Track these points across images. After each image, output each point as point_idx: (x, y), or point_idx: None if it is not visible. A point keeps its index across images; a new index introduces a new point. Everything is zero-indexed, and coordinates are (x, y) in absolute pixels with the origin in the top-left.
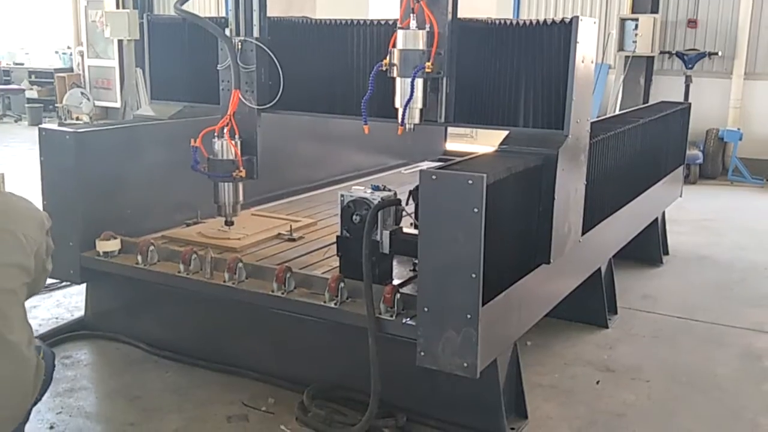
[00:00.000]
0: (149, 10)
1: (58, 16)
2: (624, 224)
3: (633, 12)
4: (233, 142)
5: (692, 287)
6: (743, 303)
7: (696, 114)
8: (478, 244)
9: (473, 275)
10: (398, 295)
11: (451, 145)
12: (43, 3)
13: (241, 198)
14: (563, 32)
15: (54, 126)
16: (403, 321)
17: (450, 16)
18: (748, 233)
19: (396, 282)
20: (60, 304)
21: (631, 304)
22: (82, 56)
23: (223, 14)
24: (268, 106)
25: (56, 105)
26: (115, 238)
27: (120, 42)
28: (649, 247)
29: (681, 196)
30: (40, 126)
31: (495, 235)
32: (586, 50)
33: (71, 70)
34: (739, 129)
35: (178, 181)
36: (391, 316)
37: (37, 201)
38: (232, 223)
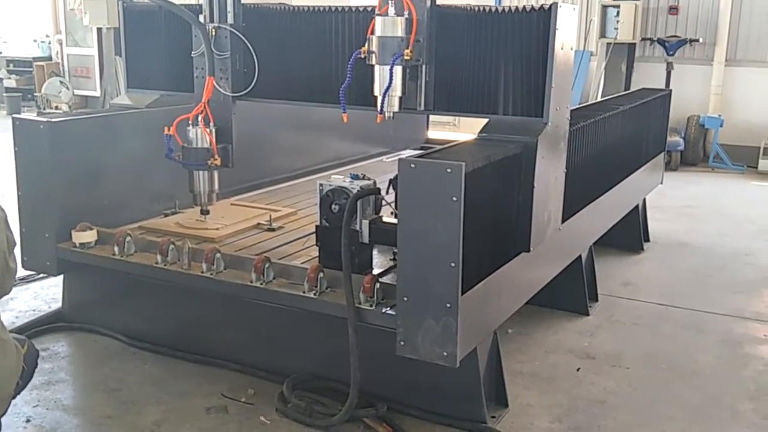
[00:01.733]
0: None
1: (36, 4)
2: (604, 212)
3: None
4: (208, 130)
5: (673, 274)
6: (724, 290)
7: (677, 101)
8: (457, 233)
9: (452, 264)
10: (378, 285)
11: (433, 134)
12: None
13: (216, 186)
14: (542, 19)
15: (28, 115)
16: (383, 311)
17: (429, 3)
18: (728, 220)
19: (376, 272)
20: (37, 296)
21: (611, 292)
22: (61, 45)
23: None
24: (242, 93)
25: (35, 94)
26: (92, 229)
27: (99, 30)
28: (629, 235)
29: (662, 182)
30: (13, 116)
31: (474, 223)
32: (565, 37)
33: (50, 58)
34: (720, 116)
35: (156, 170)
36: (371, 305)
37: (12, 192)
38: (207, 212)
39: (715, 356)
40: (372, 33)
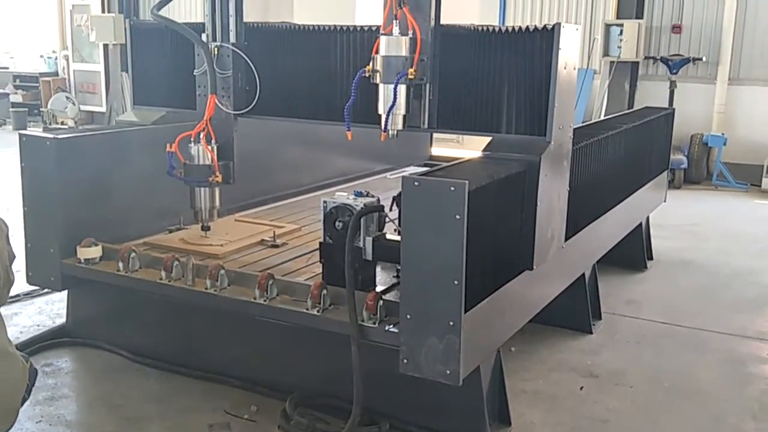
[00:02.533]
0: (135, 14)
1: (43, 20)
2: (608, 229)
3: (618, 18)
4: (209, 147)
5: (676, 292)
6: (727, 308)
7: (680, 119)
8: (461, 251)
9: (456, 282)
10: (381, 302)
11: (437, 150)
12: (28, 7)
13: (217, 203)
14: (545, 39)
15: (35, 132)
16: (386, 328)
17: (433, 23)
18: (732, 238)
19: (379, 289)
20: (42, 311)
21: (615, 310)
22: (68, 60)
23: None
24: (244, 111)
25: (41, 109)
26: (97, 244)
27: (106, 46)
28: (633, 253)
29: (665, 201)
30: (20, 132)
31: (477, 241)
32: (568, 57)
33: (56, 74)
34: (723, 134)
35: (161, 187)
36: (374, 323)
37: (18, 207)
38: (208, 228)
39: (718, 375)
40: (376, 52)
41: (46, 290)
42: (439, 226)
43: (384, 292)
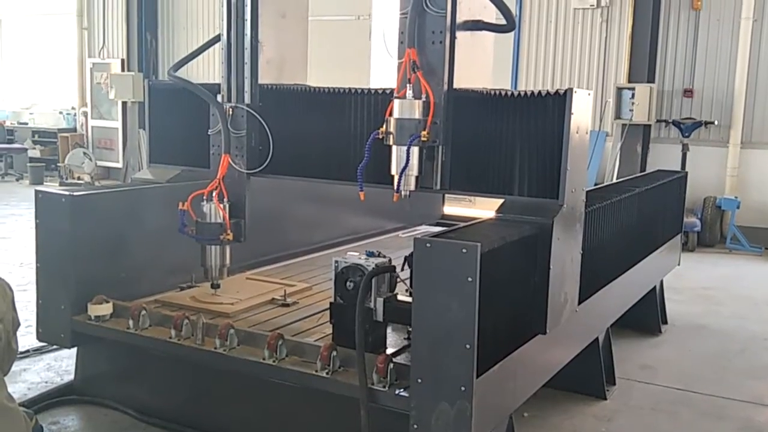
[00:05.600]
0: (154, 73)
1: (63, 77)
2: (622, 293)
3: (629, 81)
4: (221, 205)
5: (691, 358)
6: (743, 375)
7: (693, 182)
8: (473, 314)
9: (467, 346)
10: (391, 365)
11: (449, 209)
12: (49, 65)
13: (228, 261)
14: (558, 103)
15: (51, 188)
16: (396, 392)
17: (446, 87)
18: (747, 303)
19: (389, 351)
20: (50, 368)
21: (629, 375)
22: (86, 117)
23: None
24: (257, 170)
25: (58, 164)
26: (108, 301)
27: (124, 104)
28: (647, 317)
29: (679, 264)
30: (36, 188)
31: (490, 304)
32: (580, 121)
33: (75, 130)
34: (736, 197)
35: (173, 244)
36: (384, 386)
37: (31, 263)
38: (218, 286)
39: None
40: (390, 115)
41: (55, 346)
42: (451, 288)
43: (394, 354)
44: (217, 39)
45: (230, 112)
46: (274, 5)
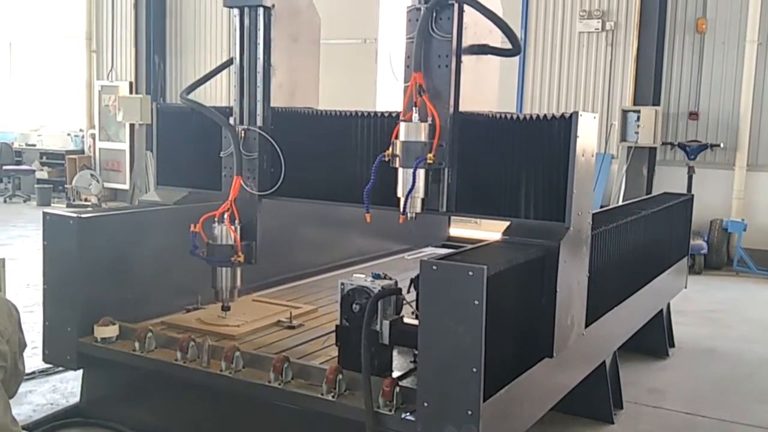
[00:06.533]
0: (161, 95)
1: (72, 100)
2: (628, 316)
3: (634, 104)
4: (233, 227)
5: (699, 381)
6: (752, 399)
7: (699, 204)
8: (479, 337)
9: (474, 369)
10: (398, 389)
11: (455, 231)
12: (57, 88)
13: (239, 283)
14: (563, 126)
15: (58, 210)
16: (402, 416)
17: (452, 110)
18: (754, 325)
19: (396, 374)
20: (56, 390)
21: (637, 399)
22: (94, 139)
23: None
24: (269, 192)
25: (66, 186)
26: (114, 323)
27: (132, 126)
28: (654, 340)
29: (686, 287)
30: (44, 210)
31: (496, 327)
32: (586, 144)
33: (82, 152)
34: (743, 220)
35: (180, 266)
36: (390, 410)
37: (38, 284)
38: (228, 308)
39: None
40: (396, 137)
41: (61, 368)
42: (457, 311)
43: (401, 377)
44: (229, 63)
45: (242, 135)
46: (287, 30)
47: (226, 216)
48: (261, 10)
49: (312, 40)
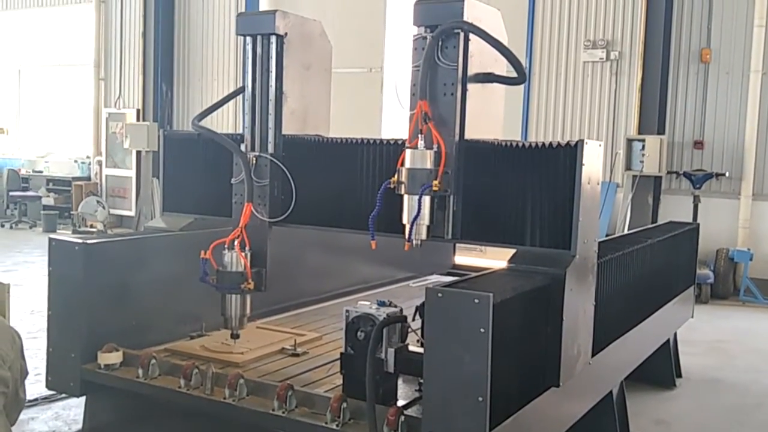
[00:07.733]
0: (168, 123)
1: (79, 127)
2: (635, 346)
3: (639, 133)
4: (243, 254)
5: (707, 412)
6: (760, 430)
7: (705, 233)
8: (485, 366)
9: (480, 398)
10: (402, 418)
11: (459, 259)
12: (64, 115)
13: (248, 311)
14: (569, 154)
15: (64, 236)
16: None
17: (457, 138)
18: (762, 355)
19: (400, 403)
20: (58, 417)
21: (644, 430)
22: (101, 165)
23: (240, 131)
24: (279, 219)
25: (71, 212)
26: (118, 350)
27: (138, 153)
28: (661, 369)
29: (692, 316)
30: (50, 236)
31: (502, 356)
32: (592, 172)
33: (89, 178)
34: (749, 249)
35: (184, 292)
36: None
37: (42, 311)
38: (237, 336)
39: None
40: (402, 164)
41: (64, 395)
42: (463, 339)
43: (406, 406)
44: (240, 90)
45: (254, 162)
46: (300, 57)
47: (236, 243)
48: (274, 38)
49: (324, 67)
